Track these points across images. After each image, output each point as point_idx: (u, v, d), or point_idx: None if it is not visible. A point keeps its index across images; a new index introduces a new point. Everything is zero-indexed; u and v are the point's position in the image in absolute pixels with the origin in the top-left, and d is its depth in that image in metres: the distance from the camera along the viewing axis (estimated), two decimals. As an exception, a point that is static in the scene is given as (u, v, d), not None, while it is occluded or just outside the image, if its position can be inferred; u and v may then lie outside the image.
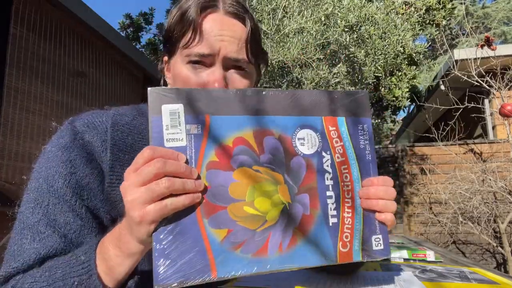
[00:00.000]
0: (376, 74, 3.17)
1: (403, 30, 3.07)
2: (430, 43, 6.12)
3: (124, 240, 0.48)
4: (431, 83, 6.85)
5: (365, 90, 0.63)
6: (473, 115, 4.28)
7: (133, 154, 0.47)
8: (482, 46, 3.04)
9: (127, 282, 0.53)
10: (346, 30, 2.93)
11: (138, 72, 5.17)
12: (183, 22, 0.65)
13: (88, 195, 0.61)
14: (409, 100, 5.27)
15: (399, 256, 1.24)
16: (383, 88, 4.36)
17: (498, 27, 13.52)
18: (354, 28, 3.02)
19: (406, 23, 3.33)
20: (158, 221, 0.44)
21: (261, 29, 0.72)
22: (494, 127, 5.86)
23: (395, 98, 4.45)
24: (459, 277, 0.74)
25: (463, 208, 4.39)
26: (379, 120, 7.15)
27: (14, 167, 3.13)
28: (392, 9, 3.41)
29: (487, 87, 3.35)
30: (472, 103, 3.77)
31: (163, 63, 0.75)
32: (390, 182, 0.55)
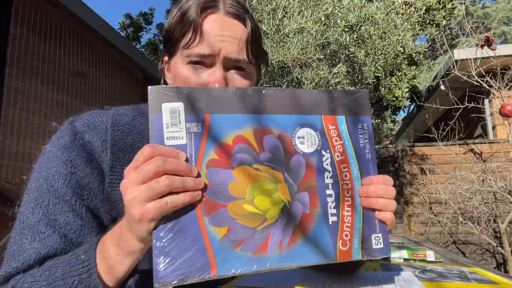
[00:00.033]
0: (376, 74, 3.17)
1: (403, 30, 3.07)
2: (430, 43, 6.12)
3: (124, 238, 0.48)
4: (431, 83, 6.85)
5: (364, 89, 0.63)
6: (473, 115, 4.28)
7: (133, 154, 0.47)
8: (482, 46, 3.04)
9: (127, 281, 0.53)
10: (346, 30, 2.93)
11: (138, 72, 5.17)
12: (183, 22, 0.65)
13: (88, 195, 0.61)
14: (409, 100, 5.27)
15: (399, 256, 1.24)
16: (383, 88, 4.36)
17: (498, 27, 13.52)
18: (354, 28, 3.02)
19: (406, 23, 3.33)
20: (158, 219, 0.44)
21: (261, 29, 0.72)
22: (494, 127, 5.86)
23: (395, 98, 4.45)
24: (459, 277, 0.74)
25: (463, 208, 4.39)
26: (379, 120, 7.15)
27: (14, 167, 3.13)
28: (392, 9, 3.41)
29: (487, 87, 3.35)
30: (472, 103, 3.77)
31: (164, 63, 0.75)
32: (390, 181, 0.55)
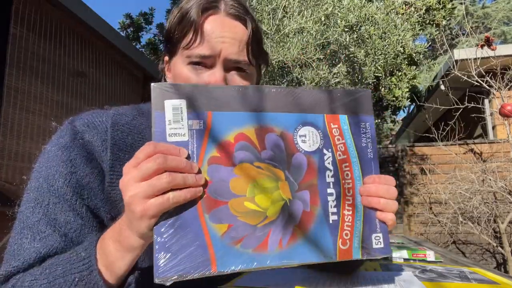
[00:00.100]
0: (376, 74, 3.17)
1: (403, 30, 3.07)
2: (430, 43, 6.12)
3: (125, 235, 0.48)
4: (431, 83, 6.85)
5: (367, 89, 0.63)
6: (473, 115, 4.28)
7: (133, 153, 0.47)
8: (482, 46, 3.04)
9: (127, 278, 0.53)
10: (346, 30, 2.93)
11: (138, 72, 5.17)
12: (184, 23, 0.65)
13: (89, 194, 0.61)
14: (409, 100, 5.27)
15: (399, 256, 1.24)
16: (383, 88, 4.36)
17: (498, 27, 13.52)
18: (354, 28, 3.02)
19: (406, 23, 3.33)
20: (159, 215, 0.44)
21: (261, 29, 0.72)
22: (494, 127, 5.86)
23: (395, 98, 4.45)
24: (459, 277, 0.74)
25: (463, 208, 4.39)
26: (379, 120, 7.15)
27: (14, 167, 3.13)
28: (392, 9, 3.40)
29: (487, 87, 3.35)
30: (472, 103, 3.77)
31: (164, 63, 0.75)
32: (392, 181, 0.55)
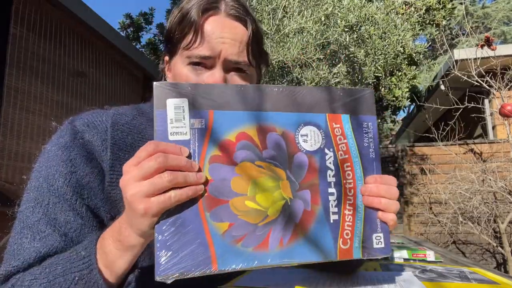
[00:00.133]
0: (376, 74, 3.17)
1: (403, 30, 3.07)
2: (430, 43, 6.12)
3: (125, 234, 0.48)
4: (431, 83, 6.84)
5: (370, 88, 0.63)
6: (473, 115, 4.28)
7: (133, 153, 0.47)
8: (482, 46, 3.04)
9: (127, 276, 0.53)
10: (346, 30, 2.93)
11: (138, 72, 5.17)
12: (184, 23, 0.65)
13: (89, 194, 0.61)
14: (409, 100, 5.27)
15: (399, 256, 1.24)
16: (383, 88, 4.36)
17: (498, 27, 13.51)
18: (354, 28, 3.02)
19: (406, 23, 3.33)
20: (161, 213, 0.44)
21: (261, 29, 0.72)
22: (494, 127, 5.86)
23: (395, 98, 4.45)
24: (459, 277, 0.74)
25: (463, 208, 4.39)
26: (379, 120, 7.15)
27: (14, 167, 3.13)
28: (392, 9, 3.40)
29: (487, 87, 3.35)
30: (472, 103, 3.77)
31: (164, 62, 0.75)
32: (393, 181, 0.55)
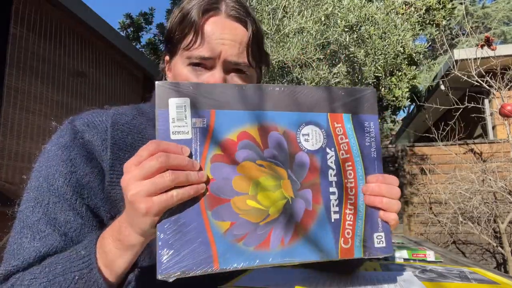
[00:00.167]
0: (376, 74, 3.17)
1: (403, 30, 3.07)
2: (430, 43, 6.12)
3: (125, 233, 0.48)
4: (431, 83, 6.85)
5: (372, 87, 0.63)
6: (473, 115, 4.28)
7: (133, 153, 0.47)
8: (482, 46, 3.04)
9: (127, 276, 0.53)
10: (346, 30, 2.93)
11: (138, 72, 5.17)
12: (184, 23, 0.65)
13: (89, 193, 0.61)
14: (409, 100, 5.27)
15: (399, 256, 1.24)
16: (383, 88, 4.36)
17: (498, 27, 13.51)
18: (354, 28, 3.02)
19: (406, 23, 3.33)
20: (162, 212, 0.45)
21: (262, 30, 0.72)
22: (494, 127, 5.86)
23: (395, 98, 4.45)
24: (459, 277, 0.74)
25: (463, 208, 4.39)
26: (379, 120, 7.15)
27: (14, 167, 3.13)
28: (392, 9, 3.40)
29: (487, 87, 3.35)
30: (472, 103, 3.77)
31: (165, 62, 0.75)
32: (395, 181, 0.55)
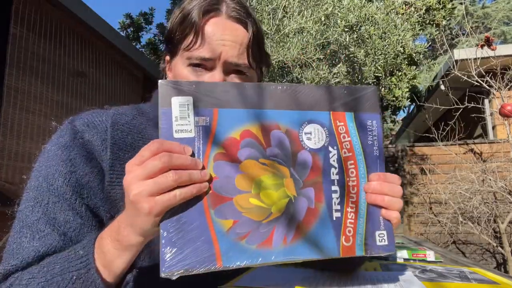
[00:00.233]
0: (376, 74, 3.17)
1: (403, 30, 3.07)
2: (430, 43, 6.12)
3: (123, 233, 0.48)
4: (431, 83, 6.85)
5: (374, 86, 0.63)
6: (473, 115, 4.28)
7: (133, 153, 0.47)
8: (482, 46, 3.04)
9: (125, 276, 0.53)
10: (346, 30, 2.93)
11: (138, 72, 5.17)
12: (185, 24, 0.65)
13: (88, 193, 0.61)
14: (409, 100, 5.27)
15: (399, 256, 1.24)
16: (383, 88, 4.36)
17: (498, 27, 13.51)
18: (354, 28, 3.02)
19: (406, 23, 3.33)
20: (164, 212, 0.45)
21: (262, 31, 0.73)
22: (494, 127, 5.86)
23: (395, 98, 4.45)
24: (459, 277, 0.74)
25: (463, 208, 4.39)
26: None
27: (14, 167, 3.13)
28: (392, 9, 3.40)
29: (487, 87, 3.35)
30: (472, 103, 3.77)
31: (165, 62, 0.75)
32: (397, 179, 0.55)
